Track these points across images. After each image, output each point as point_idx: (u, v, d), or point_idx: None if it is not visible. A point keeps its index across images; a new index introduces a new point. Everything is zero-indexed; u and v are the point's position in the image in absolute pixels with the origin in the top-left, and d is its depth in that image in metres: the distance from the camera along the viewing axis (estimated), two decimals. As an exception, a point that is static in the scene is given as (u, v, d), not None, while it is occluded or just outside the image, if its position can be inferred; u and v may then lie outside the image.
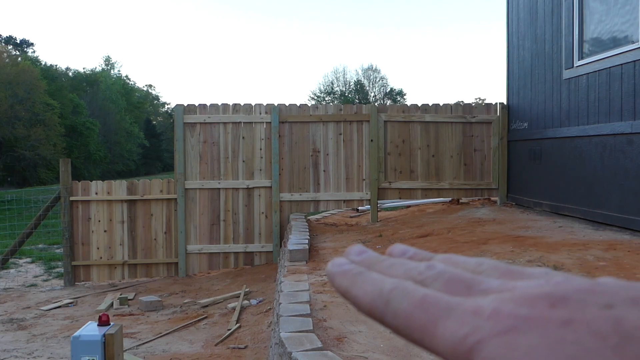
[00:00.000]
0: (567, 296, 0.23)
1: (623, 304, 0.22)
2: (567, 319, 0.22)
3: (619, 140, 5.45)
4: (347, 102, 48.29)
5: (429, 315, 0.24)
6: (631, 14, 5.35)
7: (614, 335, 0.21)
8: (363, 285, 0.27)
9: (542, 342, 0.21)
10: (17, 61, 37.85)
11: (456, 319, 0.23)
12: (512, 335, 0.22)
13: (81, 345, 3.19)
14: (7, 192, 19.29)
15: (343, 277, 0.28)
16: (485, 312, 0.23)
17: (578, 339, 0.21)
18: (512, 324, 0.22)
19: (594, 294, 0.23)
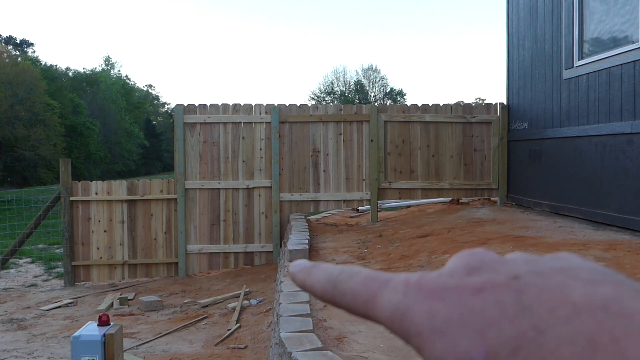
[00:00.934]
0: (482, 266, 0.25)
1: (528, 275, 0.23)
2: (479, 287, 0.24)
3: (619, 140, 5.45)
4: (347, 102, 48.29)
5: (370, 290, 0.27)
6: (631, 14, 5.35)
7: (513, 306, 0.22)
8: (316, 275, 0.30)
9: (456, 311, 0.23)
10: (17, 61, 37.84)
11: (391, 288, 0.26)
12: (433, 302, 0.24)
13: (81, 345, 3.19)
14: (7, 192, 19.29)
15: (301, 272, 0.31)
16: (412, 280, 0.25)
17: (484, 308, 0.23)
18: (433, 291, 0.24)
19: (505, 265, 0.25)
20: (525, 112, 7.70)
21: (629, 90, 5.28)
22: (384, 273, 0.27)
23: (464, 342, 0.22)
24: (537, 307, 0.22)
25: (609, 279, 0.23)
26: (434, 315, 0.23)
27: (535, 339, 0.21)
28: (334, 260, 5.44)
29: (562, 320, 0.21)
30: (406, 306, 0.25)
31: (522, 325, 0.22)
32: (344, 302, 0.28)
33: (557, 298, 0.22)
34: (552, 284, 0.23)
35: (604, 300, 0.22)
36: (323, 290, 0.29)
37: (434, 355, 0.23)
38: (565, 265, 0.24)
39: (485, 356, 0.22)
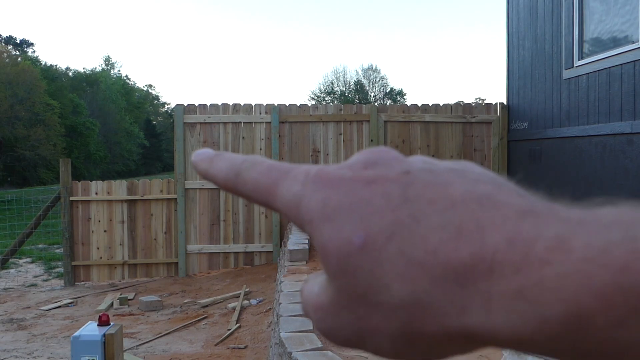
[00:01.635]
0: (380, 161, 0.25)
1: (420, 172, 0.24)
2: (372, 179, 0.24)
3: (619, 140, 5.45)
4: (347, 102, 48.27)
5: (271, 180, 0.27)
6: (631, 14, 5.35)
7: (398, 197, 0.23)
8: (219, 164, 0.30)
9: (347, 199, 0.24)
10: (17, 61, 37.83)
11: (292, 178, 0.26)
12: (327, 191, 0.25)
13: (81, 345, 3.19)
14: (7, 192, 19.29)
15: (203, 161, 0.31)
16: (312, 171, 0.26)
17: (372, 198, 0.24)
18: (329, 181, 0.25)
19: (401, 162, 0.25)
20: (525, 112, 7.70)
21: (629, 90, 5.28)
22: (287, 164, 0.28)
23: (348, 227, 0.23)
24: (419, 199, 0.23)
25: (494, 181, 0.24)
26: (326, 203, 0.24)
27: (410, 226, 0.22)
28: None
29: (438, 211, 0.22)
30: (303, 195, 0.25)
31: (401, 214, 0.23)
32: (245, 191, 0.28)
33: (439, 192, 0.23)
34: (439, 180, 0.24)
35: (480, 195, 0.23)
36: (225, 179, 0.29)
37: (321, 240, 0.24)
38: (459, 168, 0.25)
39: (364, 240, 0.23)
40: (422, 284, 0.22)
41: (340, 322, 0.25)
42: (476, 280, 0.21)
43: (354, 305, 0.24)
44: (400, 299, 0.22)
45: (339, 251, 0.23)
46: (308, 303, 0.27)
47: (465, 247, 0.21)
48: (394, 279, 0.22)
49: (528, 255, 0.20)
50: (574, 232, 0.20)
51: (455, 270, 0.21)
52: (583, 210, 0.21)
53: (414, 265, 0.22)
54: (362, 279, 0.23)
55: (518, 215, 0.21)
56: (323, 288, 0.26)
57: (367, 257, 0.23)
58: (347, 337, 0.25)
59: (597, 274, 0.19)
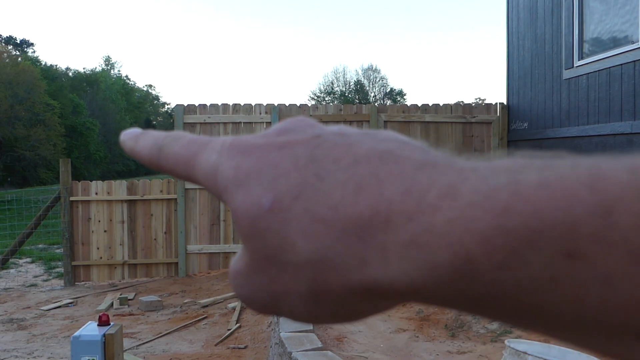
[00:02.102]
0: (294, 128, 0.26)
1: (330, 135, 0.25)
2: (283, 144, 0.25)
3: (619, 140, 5.45)
4: (347, 102, 48.27)
5: (191, 152, 0.27)
6: (631, 14, 5.35)
7: (304, 158, 0.24)
8: (143, 141, 0.31)
9: (257, 164, 0.24)
10: (17, 61, 37.82)
11: (210, 149, 0.27)
12: (240, 158, 0.25)
13: (81, 345, 3.19)
14: (7, 192, 19.29)
15: (129, 140, 0.31)
16: (228, 141, 0.26)
17: (281, 161, 0.24)
18: (243, 149, 0.25)
19: (314, 127, 0.26)
20: (525, 112, 7.70)
21: (629, 90, 5.28)
22: (207, 137, 0.28)
23: (257, 190, 0.24)
24: (324, 159, 0.23)
25: (402, 141, 0.24)
26: (238, 170, 0.25)
27: (314, 185, 0.23)
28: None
29: (342, 169, 0.23)
30: (219, 163, 0.26)
31: (307, 173, 0.23)
32: (168, 165, 0.28)
33: (344, 151, 0.23)
34: (347, 141, 0.24)
35: (383, 151, 0.23)
36: (150, 155, 0.30)
37: (234, 205, 0.25)
38: (373, 132, 0.25)
39: (272, 202, 0.23)
40: (325, 240, 0.22)
41: (255, 286, 0.25)
42: (374, 233, 0.21)
43: (265, 267, 0.24)
44: (305, 257, 0.22)
45: (249, 214, 0.24)
46: (230, 271, 0.27)
47: (363, 201, 0.21)
48: (300, 237, 0.22)
49: (420, 203, 0.20)
50: (465, 179, 0.20)
51: (355, 224, 0.21)
52: (480, 161, 0.22)
53: (318, 222, 0.22)
54: (271, 240, 0.23)
55: (416, 168, 0.22)
56: (241, 255, 0.26)
57: (275, 218, 0.23)
58: (263, 301, 0.25)
59: (480, 218, 0.19)
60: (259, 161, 0.24)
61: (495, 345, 4.00)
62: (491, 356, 4.53)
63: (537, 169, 0.20)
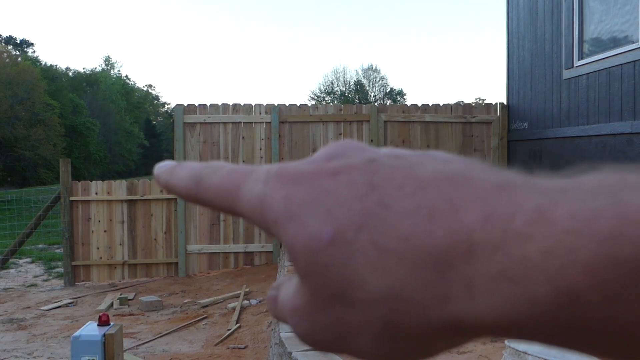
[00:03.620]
0: (344, 153, 0.24)
1: (385, 158, 0.23)
2: (336, 170, 0.23)
3: (619, 140, 5.45)
4: (347, 102, 48.27)
5: (233, 183, 0.25)
6: (631, 14, 5.35)
7: (363, 185, 0.22)
8: (179, 174, 0.28)
9: (310, 193, 0.23)
10: (17, 61, 37.83)
11: (253, 179, 0.25)
12: (290, 188, 0.23)
13: (81, 345, 3.19)
14: (7, 192, 19.29)
15: (164, 173, 0.29)
16: (273, 169, 0.24)
17: (336, 189, 0.22)
18: (292, 177, 0.23)
19: (365, 151, 0.24)
20: (525, 112, 7.70)
21: (629, 90, 5.28)
22: (250, 166, 0.26)
23: (314, 222, 0.22)
24: (386, 185, 0.22)
25: (465, 161, 0.23)
26: (289, 200, 0.23)
27: (379, 214, 0.21)
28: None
29: (408, 195, 0.21)
30: (265, 195, 0.24)
31: (369, 202, 0.21)
32: (207, 198, 0.26)
33: (407, 175, 0.22)
34: (405, 164, 0.22)
35: (451, 173, 0.21)
36: (187, 189, 0.27)
37: (288, 239, 0.23)
38: (427, 153, 0.24)
39: (332, 234, 0.21)
40: (399, 275, 0.20)
41: (318, 324, 0.23)
42: (455, 265, 0.19)
43: (329, 305, 0.22)
44: (377, 294, 0.21)
45: (307, 249, 0.22)
46: (284, 307, 0.25)
47: (439, 230, 0.20)
48: (369, 272, 0.21)
49: (507, 231, 0.19)
50: (555, 202, 0.18)
51: (432, 255, 0.20)
52: (563, 179, 0.20)
53: (388, 254, 0.20)
54: (335, 277, 0.21)
55: (493, 190, 0.20)
56: (297, 290, 0.24)
57: (337, 252, 0.21)
58: (327, 340, 0.23)
59: (584, 247, 0.17)
60: (312, 190, 0.23)
61: (495, 345, 4.00)
62: (491, 356, 4.53)
63: (637, 186, 0.18)
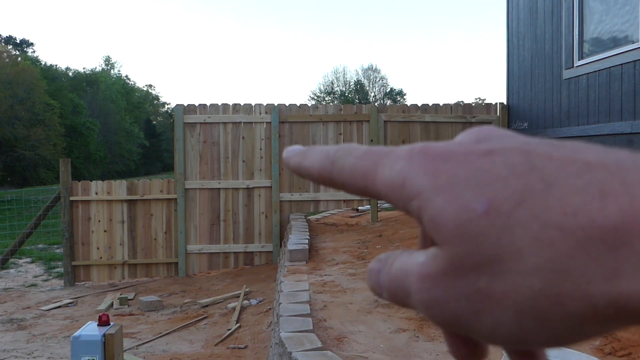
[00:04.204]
0: (491, 136, 0.25)
1: (538, 143, 0.23)
2: (488, 150, 0.23)
3: (619, 140, 5.45)
4: (347, 102, 48.27)
5: (370, 162, 0.25)
6: (631, 14, 5.35)
7: (521, 164, 0.22)
8: (312, 156, 0.28)
9: (462, 170, 0.22)
10: (17, 61, 37.82)
11: (393, 157, 0.25)
12: (437, 164, 0.23)
13: (81, 345, 3.19)
14: (7, 192, 19.28)
15: (295, 156, 0.30)
16: (417, 148, 0.24)
17: (491, 167, 0.22)
18: (439, 155, 0.23)
19: (515, 136, 0.25)
20: (525, 112, 7.70)
21: (629, 90, 5.28)
22: (387, 147, 0.26)
23: (467, 194, 0.22)
24: (547, 165, 0.21)
25: (627, 151, 0.22)
26: (437, 175, 0.23)
27: (543, 191, 0.21)
28: (334, 260, 5.44)
29: (573, 174, 0.21)
30: (409, 170, 0.24)
31: (530, 179, 0.21)
32: (341, 178, 0.27)
33: (569, 157, 0.22)
34: (564, 149, 0.22)
35: (618, 158, 0.21)
36: (320, 169, 0.28)
37: (432, 211, 0.22)
38: (584, 143, 0.23)
39: (487, 205, 0.21)
40: (563, 248, 0.20)
41: (452, 293, 0.22)
42: (630, 241, 0.19)
43: (473, 274, 0.22)
44: (535, 264, 0.20)
45: (458, 218, 0.22)
46: (408, 272, 0.24)
47: (612, 206, 0.19)
48: (527, 244, 0.20)
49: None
50: None
51: (603, 230, 0.19)
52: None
53: (552, 228, 0.20)
54: (487, 247, 0.21)
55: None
56: (431, 257, 0.23)
57: (492, 223, 0.21)
58: (457, 310, 0.22)
59: None
60: (464, 167, 0.23)
61: (495, 345, 4.00)
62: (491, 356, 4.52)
63: None
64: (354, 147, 0.27)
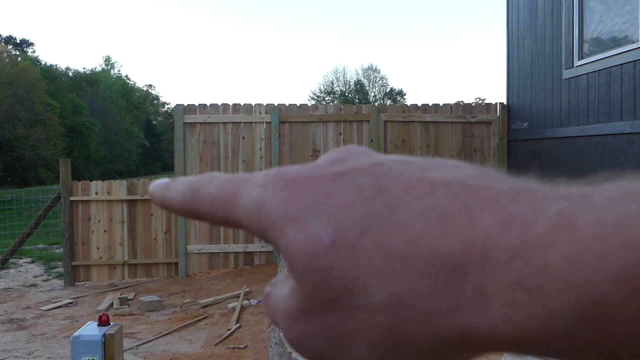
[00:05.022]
0: (347, 157, 0.23)
1: (393, 162, 0.22)
2: (340, 173, 0.22)
3: (619, 140, 5.45)
4: (347, 102, 48.28)
5: (230, 190, 0.24)
6: (631, 14, 5.35)
7: (369, 188, 0.21)
8: (175, 188, 0.27)
9: (312, 196, 0.22)
10: (17, 61, 37.85)
11: (251, 184, 0.24)
12: (289, 190, 0.22)
13: (81, 345, 3.19)
14: (7, 192, 19.29)
15: (160, 189, 0.28)
16: (271, 173, 0.23)
17: (340, 191, 0.21)
18: (291, 180, 0.23)
19: (371, 155, 0.23)
20: (525, 112, 7.70)
21: (629, 90, 5.28)
22: (247, 174, 0.25)
23: (315, 225, 0.21)
24: (394, 188, 0.21)
25: (476, 167, 0.22)
26: (288, 203, 0.22)
27: (386, 217, 0.20)
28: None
29: (417, 197, 0.20)
30: (263, 198, 0.23)
31: (375, 205, 0.20)
32: (203, 209, 0.25)
33: (417, 178, 0.21)
34: (414, 168, 0.22)
35: (463, 178, 0.20)
36: (183, 201, 0.26)
37: (285, 243, 0.21)
38: (438, 159, 0.23)
39: (333, 236, 0.20)
40: (406, 281, 0.19)
41: (311, 330, 0.22)
42: (468, 272, 0.18)
43: (326, 310, 0.21)
44: (380, 300, 0.19)
45: (305, 251, 0.21)
46: (276, 309, 0.24)
47: (451, 234, 0.19)
48: (372, 277, 0.19)
49: (526, 237, 0.17)
50: (580, 208, 0.17)
51: (442, 261, 0.18)
52: (585, 186, 0.19)
53: (394, 259, 0.19)
54: (335, 281, 0.20)
55: (510, 195, 0.19)
56: (291, 293, 0.23)
57: (338, 255, 0.20)
58: (319, 348, 0.22)
59: (613, 255, 0.16)
60: (313, 193, 0.22)
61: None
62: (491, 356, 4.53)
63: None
64: (216, 176, 0.26)
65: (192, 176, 0.27)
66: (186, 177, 0.28)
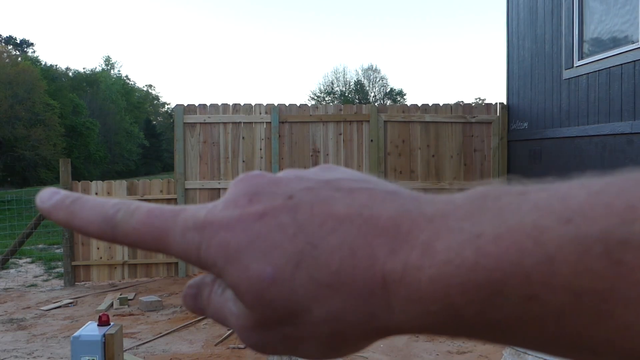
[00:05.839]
0: (260, 190, 0.27)
1: (301, 193, 0.26)
2: (262, 213, 0.26)
3: (619, 140, 5.45)
4: (347, 102, 48.26)
5: (157, 230, 0.27)
6: (631, 14, 5.35)
7: (291, 225, 0.25)
8: (84, 214, 0.28)
9: (244, 238, 0.25)
10: (17, 61, 37.84)
11: (181, 225, 0.27)
12: (222, 235, 0.26)
13: (81, 345, 3.19)
14: (7, 192, 19.28)
15: (59, 210, 0.28)
16: (201, 217, 0.27)
17: (268, 232, 0.25)
18: (222, 224, 0.26)
19: (280, 185, 0.27)
20: (525, 112, 7.70)
21: (629, 90, 5.29)
22: (166, 207, 0.28)
23: (254, 265, 0.25)
24: (309, 224, 0.25)
25: (364, 186, 0.26)
26: (226, 247, 0.26)
27: (311, 253, 0.25)
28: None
29: (330, 232, 0.25)
30: (201, 242, 0.26)
31: (299, 242, 0.25)
32: (129, 242, 0.28)
33: (325, 212, 0.25)
34: (320, 198, 0.26)
35: (360, 208, 0.25)
36: (100, 232, 0.28)
37: (232, 281, 0.26)
38: (331, 178, 0.27)
39: (273, 273, 0.25)
40: (336, 302, 0.24)
41: (266, 338, 0.27)
42: (376, 293, 0.24)
43: (278, 327, 0.26)
44: (319, 317, 0.25)
45: (252, 288, 0.25)
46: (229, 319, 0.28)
47: (360, 265, 0.24)
48: (311, 302, 0.25)
49: (406, 264, 0.23)
50: (437, 234, 0.23)
51: (358, 287, 0.24)
52: (445, 204, 0.24)
53: (324, 287, 0.24)
54: (281, 309, 0.25)
55: (392, 223, 0.24)
56: (243, 313, 0.27)
57: (280, 288, 0.25)
58: (277, 348, 0.27)
59: (455, 275, 0.22)
60: (245, 235, 0.25)
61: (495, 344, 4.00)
62: (491, 356, 4.53)
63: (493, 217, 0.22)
64: (134, 208, 0.28)
65: (101, 201, 0.28)
66: (93, 201, 0.28)
